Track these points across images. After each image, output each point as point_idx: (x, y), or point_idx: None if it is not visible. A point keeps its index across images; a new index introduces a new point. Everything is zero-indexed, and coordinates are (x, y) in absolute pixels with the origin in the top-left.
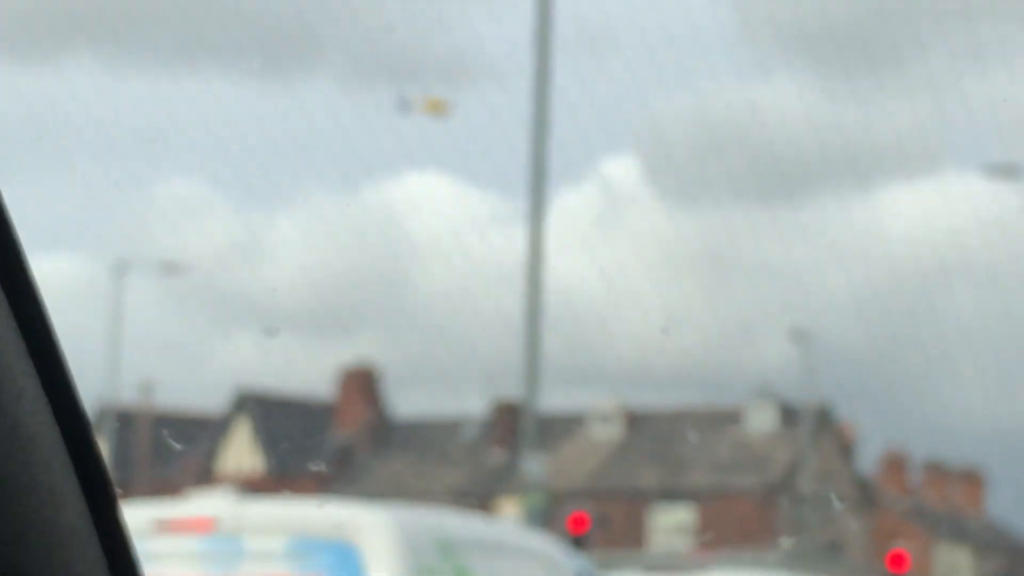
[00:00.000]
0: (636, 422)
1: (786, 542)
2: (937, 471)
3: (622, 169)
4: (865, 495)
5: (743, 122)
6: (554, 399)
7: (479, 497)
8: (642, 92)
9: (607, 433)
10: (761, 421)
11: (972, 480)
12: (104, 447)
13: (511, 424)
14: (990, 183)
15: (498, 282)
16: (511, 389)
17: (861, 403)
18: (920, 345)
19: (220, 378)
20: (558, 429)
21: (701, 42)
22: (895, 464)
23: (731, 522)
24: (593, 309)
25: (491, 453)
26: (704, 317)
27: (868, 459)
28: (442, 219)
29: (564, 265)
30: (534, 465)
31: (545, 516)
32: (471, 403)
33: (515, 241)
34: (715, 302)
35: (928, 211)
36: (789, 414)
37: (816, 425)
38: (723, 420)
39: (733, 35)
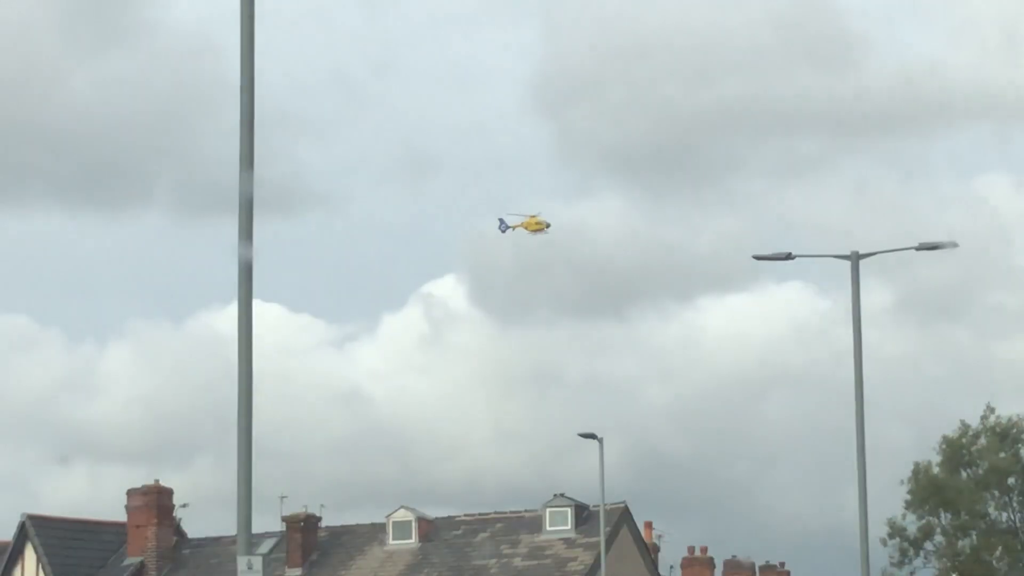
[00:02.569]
0: (433, 532)
1: None
2: (742, 572)
3: (447, 290)
4: None
5: (567, 240)
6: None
7: None
8: (466, 213)
9: (404, 544)
10: (559, 526)
11: None
12: None
13: (307, 540)
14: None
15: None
16: (314, 507)
17: (668, 505)
18: (735, 450)
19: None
20: (355, 542)
21: (525, 162)
22: (699, 565)
23: None
24: (424, 426)
25: (285, 570)
26: (531, 430)
27: (672, 560)
28: (269, 346)
29: (393, 385)
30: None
31: None
32: (269, 521)
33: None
34: (542, 416)
35: (745, 321)
36: (588, 518)
37: (615, 528)
38: (521, 527)
39: (553, 156)
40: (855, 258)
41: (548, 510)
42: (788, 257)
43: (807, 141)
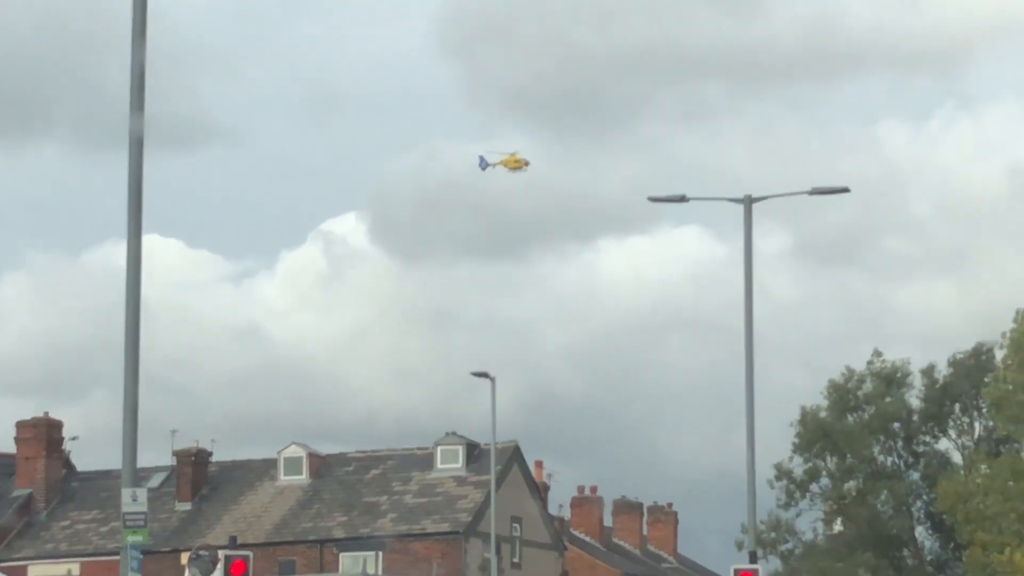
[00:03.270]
0: (324, 468)
1: None
2: (631, 511)
3: (348, 228)
4: (556, 535)
5: (469, 181)
6: (258, 451)
7: (165, 549)
8: (370, 151)
9: (295, 480)
10: (450, 464)
11: (665, 519)
12: None
13: (197, 475)
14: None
15: (223, 340)
16: (205, 442)
17: (559, 446)
18: (630, 393)
19: None
20: (246, 477)
21: (429, 103)
22: (588, 505)
23: (418, 566)
24: (321, 364)
25: (175, 504)
26: (429, 369)
27: (562, 499)
28: (167, 280)
29: (292, 323)
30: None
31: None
32: (161, 456)
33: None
34: (439, 355)
35: (642, 265)
36: (480, 456)
37: (506, 467)
38: (412, 464)
39: (459, 96)
40: (748, 201)
41: (440, 448)
42: (682, 199)
43: (711, 86)
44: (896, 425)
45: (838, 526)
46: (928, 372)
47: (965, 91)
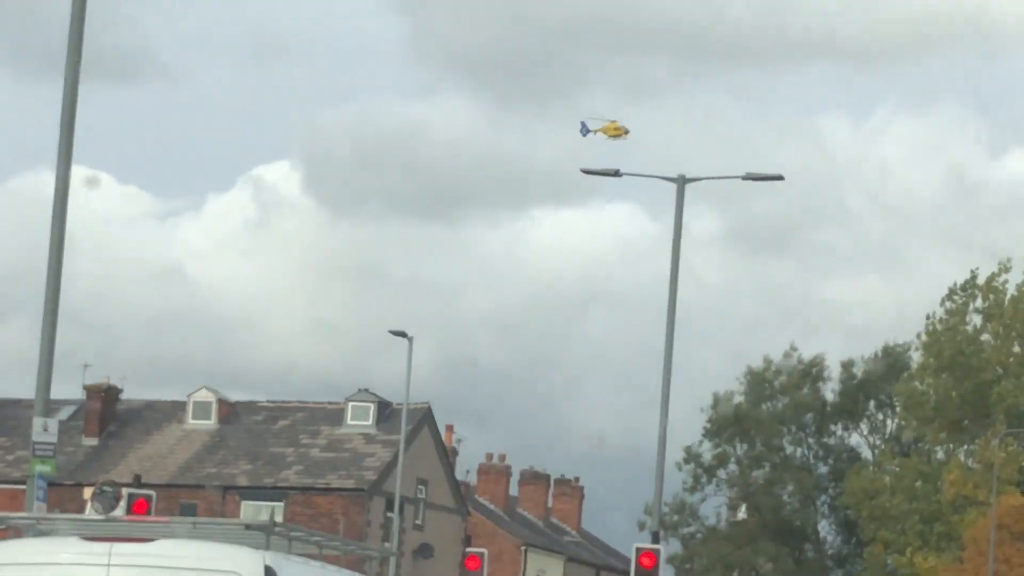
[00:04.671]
0: (232, 415)
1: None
2: (537, 482)
3: (280, 176)
4: (461, 499)
5: (407, 138)
6: (170, 393)
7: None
8: (308, 101)
9: (203, 425)
10: (360, 421)
11: (571, 493)
12: None
13: (105, 411)
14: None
15: (145, 278)
16: (117, 379)
17: (473, 411)
18: (549, 363)
19: None
20: (154, 417)
21: (370, 57)
22: (495, 472)
23: (319, 520)
24: (241, 310)
25: (82, 439)
26: (350, 325)
27: (470, 465)
28: (93, 214)
29: (214, 266)
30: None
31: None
32: (72, 389)
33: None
34: (361, 311)
35: (573, 237)
36: (391, 416)
37: (416, 428)
38: (322, 418)
39: (403, 54)
40: (681, 181)
41: (350, 404)
42: (616, 174)
43: (658, 63)
44: (809, 417)
45: (742, 513)
46: (847, 366)
47: (909, 89)
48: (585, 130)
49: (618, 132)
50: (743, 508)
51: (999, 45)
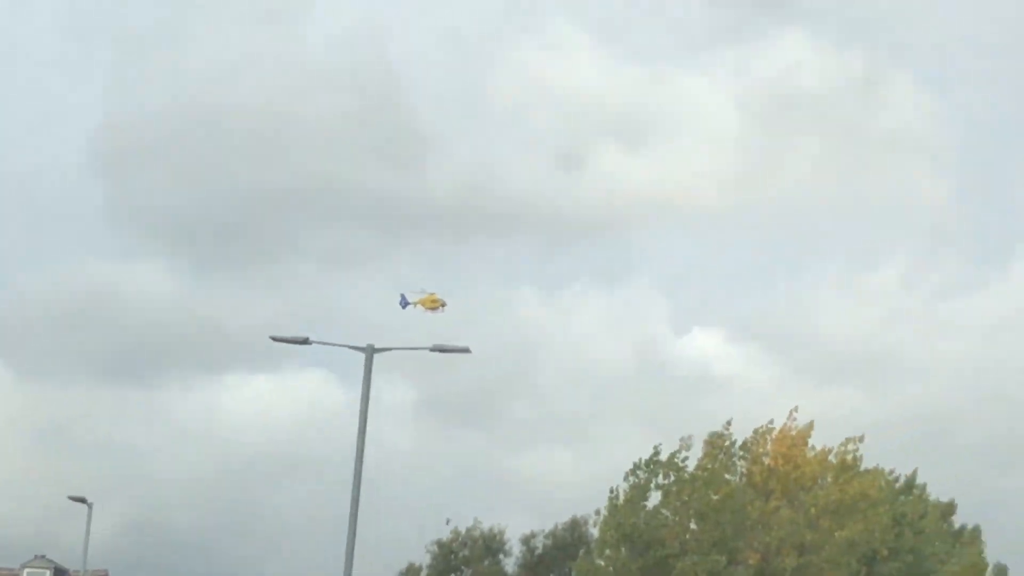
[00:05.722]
0: None
1: None
2: None
3: None
4: None
5: (101, 302)
6: None
7: None
8: (5, 262)
9: None
10: None
11: None
12: None
13: None
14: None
15: None
16: None
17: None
18: (241, 530)
19: None
20: None
21: (76, 216)
22: None
23: None
24: None
25: None
26: (30, 489)
27: None
28: None
29: None
30: None
31: None
32: None
33: None
34: (42, 475)
35: (265, 404)
36: None
37: None
38: None
39: (101, 216)
40: (370, 351)
41: (26, 570)
42: (305, 342)
43: (358, 232)
44: None
45: None
46: (527, 540)
47: (601, 266)
48: (404, 302)
49: (435, 304)
50: None
51: (686, 226)
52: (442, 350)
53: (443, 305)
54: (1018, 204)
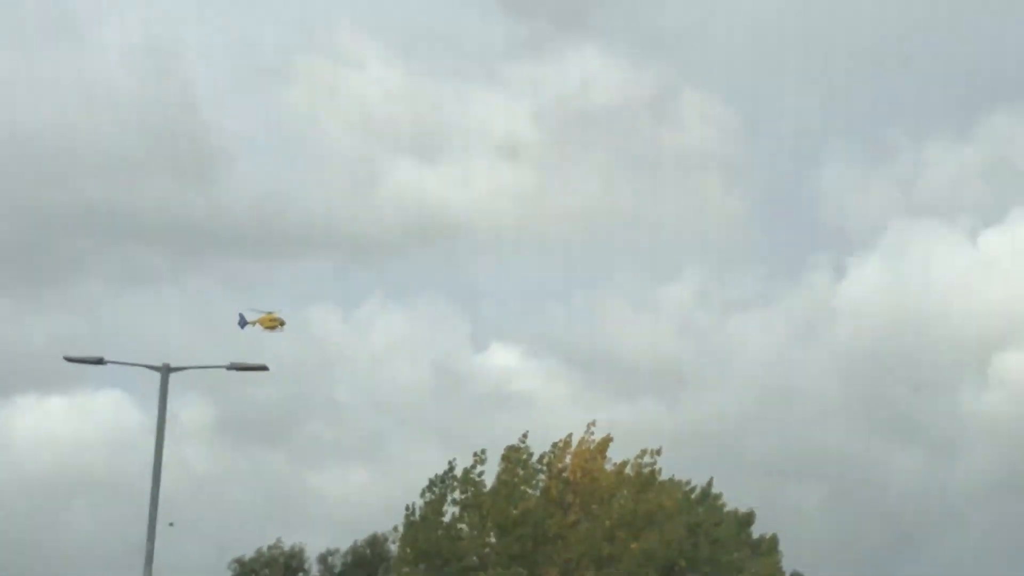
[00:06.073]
0: None
1: None
2: None
3: None
4: None
5: None
6: None
7: None
8: None
9: None
10: None
11: None
12: None
13: None
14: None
15: None
16: None
17: None
18: (33, 553)
19: None
20: None
21: None
22: None
23: None
24: None
25: None
26: None
27: None
28: None
29: None
30: None
31: None
32: None
33: None
34: None
35: (58, 426)
36: None
37: None
38: None
39: None
40: (165, 370)
41: None
42: (99, 362)
43: (154, 252)
44: None
45: None
46: (323, 559)
47: (397, 283)
48: (243, 322)
49: (274, 323)
50: None
51: (483, 241)
52: (239, 368)
53: (282, 324)
54: (808, 220)
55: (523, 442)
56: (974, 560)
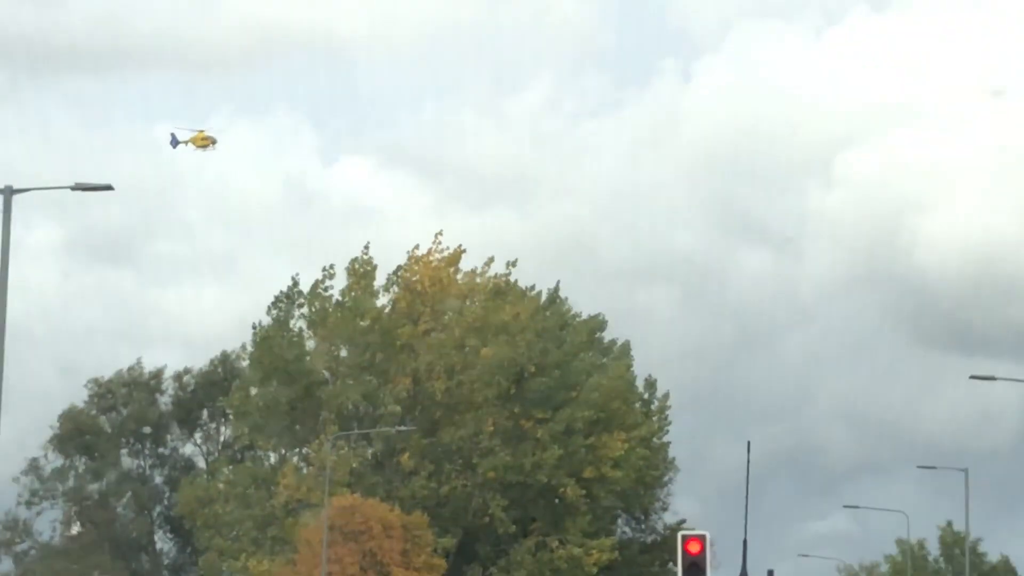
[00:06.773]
0: None
1: None
2: None
3: None
4: None
5: None
6: None
7: None
8: None
9: None
10: None
11: None
12: None
13: None
14: None
15: None
16: None
17: None
18: None
19: None
20: None
21: None
22: None
23: None
24: None
25: None
26: None
27: None
28: None
29: None
30: None
31: None
32: None
33: None
34: None
35: None
36: None
37: None
38: None
39: None
40: (8, 192)
41: None
42: None
43: None
44: (147, 429)
45: (77, 528)
46: (179, 377)
47: (245, 98)
48: (175, 141)
49: (206, 142)
50: (77, 523)
51: (330, 53)
52: (84, 188)
53: (214, 142)
54: (658, 25)
55: (366, 253)
56: (820, 354)
